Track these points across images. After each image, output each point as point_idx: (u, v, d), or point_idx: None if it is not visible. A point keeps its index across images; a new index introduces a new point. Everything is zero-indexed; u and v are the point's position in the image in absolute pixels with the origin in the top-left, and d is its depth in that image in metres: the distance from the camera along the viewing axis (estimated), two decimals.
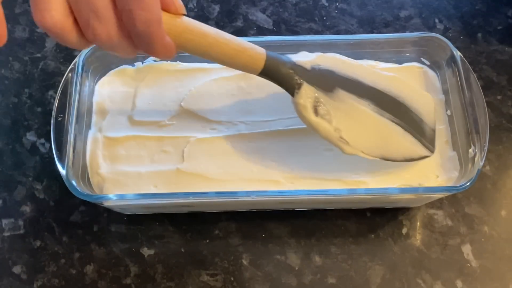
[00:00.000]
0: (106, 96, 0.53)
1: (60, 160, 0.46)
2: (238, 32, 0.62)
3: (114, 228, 0.52)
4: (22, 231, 0.52)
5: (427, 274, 0.49)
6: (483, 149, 0.46)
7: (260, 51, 0.43)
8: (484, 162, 0.45)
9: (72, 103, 0.49)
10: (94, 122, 0.51)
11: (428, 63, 0.54)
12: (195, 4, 0.64)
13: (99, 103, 0.52)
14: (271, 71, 0.43)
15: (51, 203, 0.53)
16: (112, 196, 0.46)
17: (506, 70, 0.59)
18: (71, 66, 0.50)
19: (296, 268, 0.50)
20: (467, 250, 0.50)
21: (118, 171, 0.49)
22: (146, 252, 0.51)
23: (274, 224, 0.52)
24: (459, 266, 0.50)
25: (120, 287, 0.49)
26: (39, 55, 0.61)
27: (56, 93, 0.49)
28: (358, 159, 0.46)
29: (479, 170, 0.45)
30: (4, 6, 0.32)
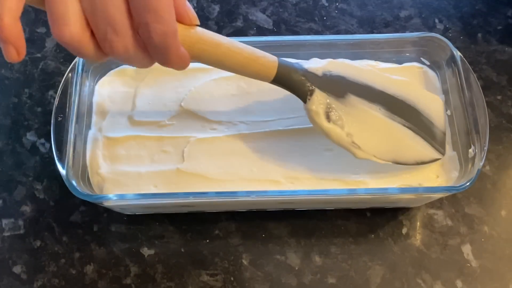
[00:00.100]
0: (106, 96, 0.53)
1: (60, 160, 0.46)
2: (238, 32, 0.62)
3: (114, 228, 0.52)
4: (22, 231, 0.52)
5: (427, 274, 0.49)
6: (483, 149, 0.46)
7: (272, 59, 0.43)
8: (484, 162, 0.45)
9: (72, 103, 0.49)
10: (94, 122, 0.51)
11: (428, 63, 0.54)
12: (195, 4, 0.64)
13: (99, 103, 0.52)
14: (283, 78, 0.44)
15: (51, 203, 0.53)
16: (112, 196, 0.46)
17: (506, 70, 0.59)
18: (71, 66, 0.50)
19: (296, 268, 0.50)
20: (467, 250, 0.50)
21: (118, 171, 0.49)
22: (146, 252, 0.51)
23: (274, 224, 0.52)
24: (459, 266, 0.50)
25: (120, 287, 0.49)
26: (39, 55, 0.61)
27: (56, 93, 0.49)
28: (358, 159, 0.46)
29: (479, 170, 0.45)
30: None
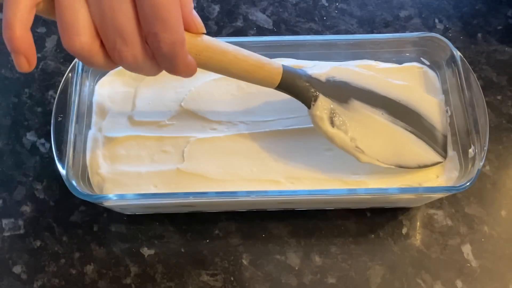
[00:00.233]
0: (106, 96, 0.53)
1: (60, 160, 0.46)
2: (238, 32, 0.62)
3: (114, 228, 0.52)
4: (22, 231, 0.52)
5: (427, 274, 0.49)
6: (483, 149, 0.46)
7: (277, 66, 0.44)
8: (484, 162, 0.45)
9: (72, 103, 0.49)
10: (94, 122, 0.51)
11: (428, 63, 0.54)
12: (195, 4, 0.64)
13: (99, 103, 0.52)
14: (288, 84, 0.44)
15: (51, 203, 0.53)
16: (112, 196, 0.46)
17: (506, 70, 0.59)
18: (71, 66, 0.50)
19: (296, 268, 0.50)
20: (467, 250, 0.50)
21: (118, 171, 0.49)
22: (146, 252, 0.51)
23: (274, 224, 0.52)
24: (459, 266, 0.50)
25: (120, 287, 0.49)
26: (39, 55, 0.61)
27: (56, 93, 0.49)
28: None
29: (479, 170, 0.45)
30: None
